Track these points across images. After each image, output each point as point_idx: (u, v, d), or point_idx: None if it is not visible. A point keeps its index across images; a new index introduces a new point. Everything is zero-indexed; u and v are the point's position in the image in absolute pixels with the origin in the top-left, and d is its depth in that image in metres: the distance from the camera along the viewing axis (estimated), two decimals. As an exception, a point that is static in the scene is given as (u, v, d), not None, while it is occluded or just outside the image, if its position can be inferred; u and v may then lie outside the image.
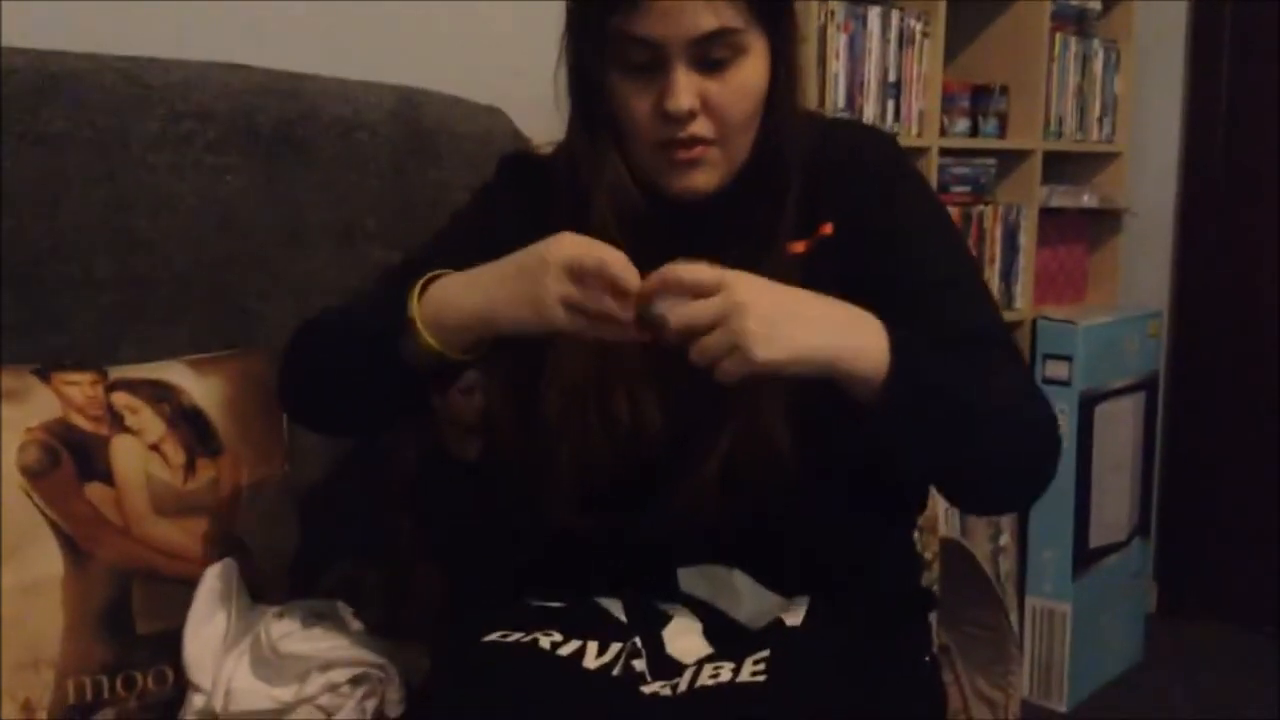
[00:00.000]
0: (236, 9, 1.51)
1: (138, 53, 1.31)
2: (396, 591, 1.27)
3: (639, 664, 0.92)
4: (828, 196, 0.96)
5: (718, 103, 0.90)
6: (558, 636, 0.93)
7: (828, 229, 0.96)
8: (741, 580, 0.98)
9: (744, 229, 0.94)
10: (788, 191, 0.94)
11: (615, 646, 0.93)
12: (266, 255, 1.36)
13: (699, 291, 0.80)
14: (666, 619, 0.97)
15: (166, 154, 1.29)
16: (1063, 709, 2.35)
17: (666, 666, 0.93)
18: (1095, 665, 2.42)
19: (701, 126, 0.90)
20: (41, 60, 1.22)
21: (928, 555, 1.48)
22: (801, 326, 0.81)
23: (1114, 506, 2.47)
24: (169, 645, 1.08)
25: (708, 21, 0.88)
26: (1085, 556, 2.38)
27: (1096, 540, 2.41)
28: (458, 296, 0.90)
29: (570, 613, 0.97)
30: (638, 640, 0.94)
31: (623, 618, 0.98)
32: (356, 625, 1.10)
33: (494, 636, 0.93)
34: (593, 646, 0.92)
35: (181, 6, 1.46)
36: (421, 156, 1.45)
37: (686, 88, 0.88)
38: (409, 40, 1.66)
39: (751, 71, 0.91)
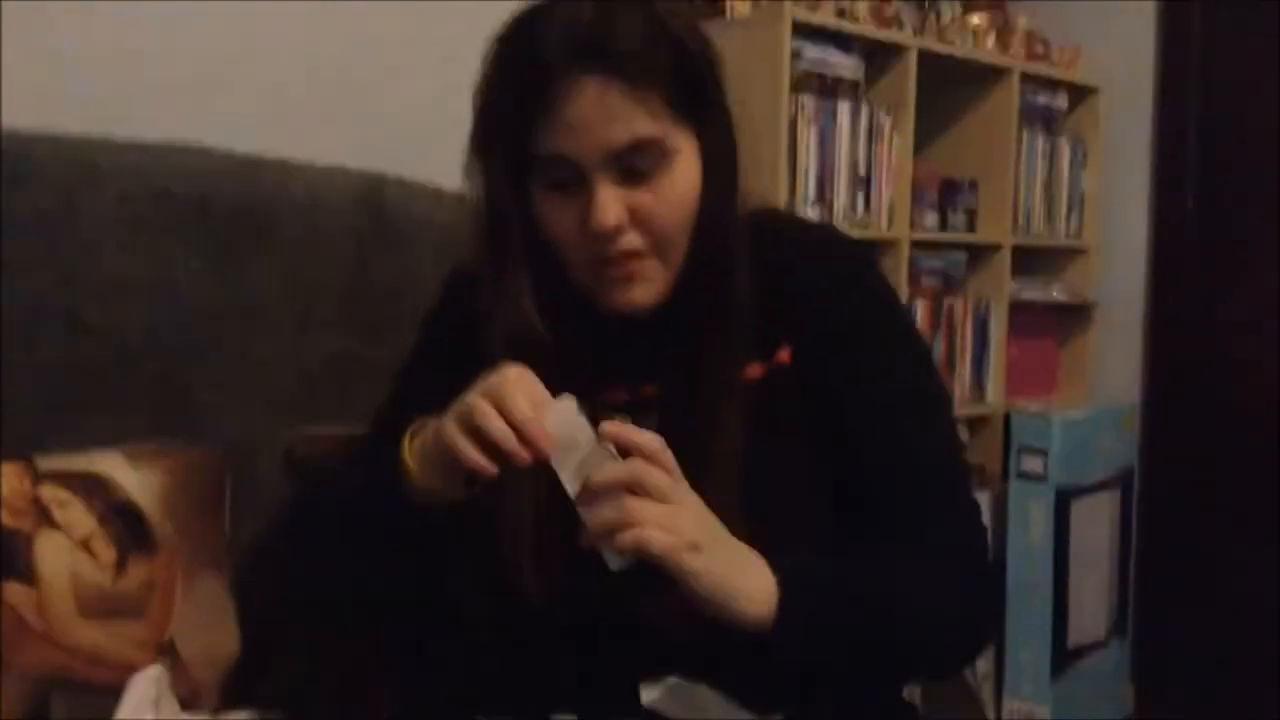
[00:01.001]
0: (195, 89, 1.48)
1: (91, 131, 1.27)
2: (345, 704, 1.19)
3: None
4: (786, 312, 0.91)
5: (647, 214, 0.85)
6: None
7: (785, 356, 0.91)
8: (709, 697, 0.92)
9: (693, 346, 0.89)
10: (736, 304, 0.89)
11: None
12: (219, 341, 1.31)
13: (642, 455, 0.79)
14: None
15: (118, 235, 1.25)
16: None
17: None
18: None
19: (633, 240, 0.86)
20: (-14, 137, 1.18)
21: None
22: (737, 565, 0.80)
23: (1092, 605, 2.42)
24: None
25: (622, 134, 0.82)
26: (1064, 656, 2.31)
27: (1075, 639, 2.35)
28: (426, 445, 0.88)
29: None
30: None
31: None
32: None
33: None
34: None
35: (139, 85, 1.44)
36: (385, 243, 1.42)
37: (609, 204, 0.83)
38: (376, 124, 1.64)
39: (681, 177, 0.86)
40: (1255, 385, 2.53)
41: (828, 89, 2.03)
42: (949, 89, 2.33)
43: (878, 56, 2.11)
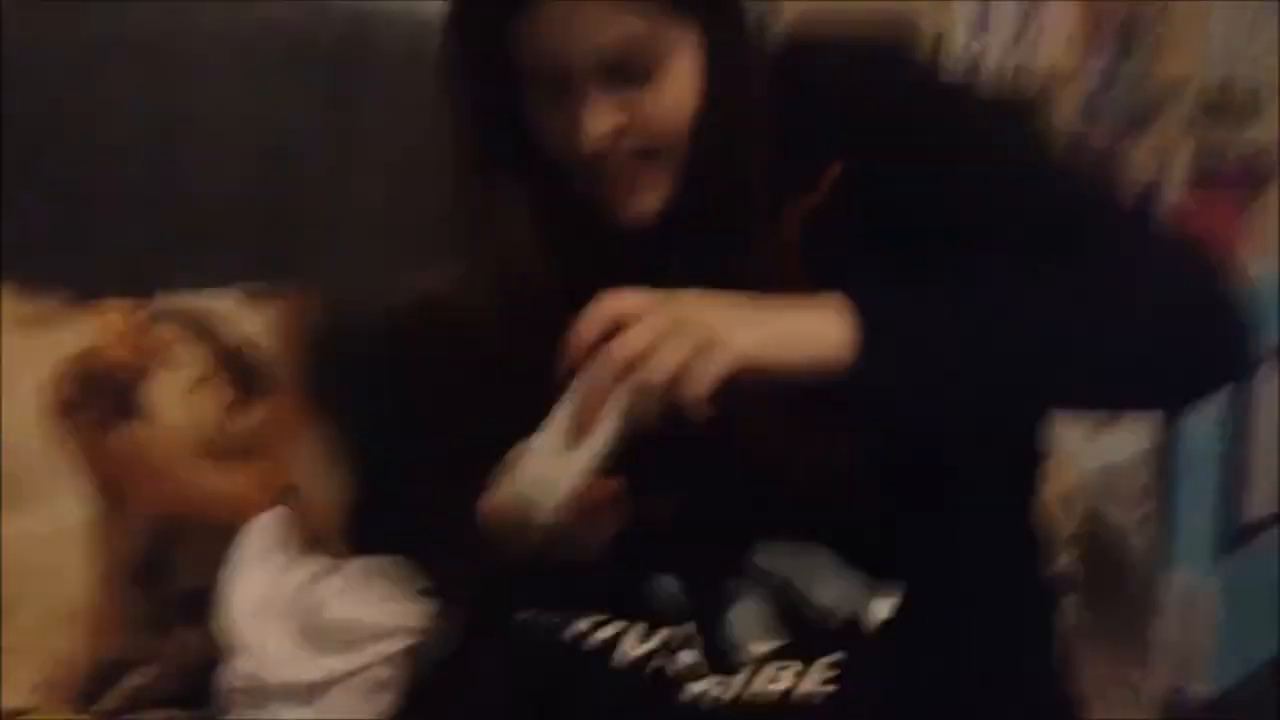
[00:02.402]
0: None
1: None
2: (468, 547, 1.14)
3: (688, 656, 0.79)
4: (831, 133, 0.78)
5: (643, 119, 0.76)
6: (599, 616, 0.80)
7: (836, 168, 0.78)
8: (827, 560, 0.83)
9: (711, 244, 0.79)
10: (755, 196, 0.78)
11: (663, 632, 0.80)
12: (330, 183, 1.24)
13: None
14: (731, 600, 0.83)
15: (219, 64, 1.18)
16: (1205, 694, 2.15)
17: (723, 658, 0.79)
18: (1241, 649, 2.20)
19: (631, 142, 0.76)
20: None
21: (1065, 533, 1.30)
22: (764, 310, 0.69)
23: (1267, 477, 2.24)
24: (213, 601, 0.98)
25: (608, 37, 0.73)
26: (1236, 532, 2.16)
27: (1249, 514, 2.19)
28: None
29: (619, 586, 0.83)
30: (692, 626, 0.81)
31: (682, 597, 0.84)
32: (420, 587, 0.98)
33: (528, 614, 0.82)
34: (636, 631, 0.80)
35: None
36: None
37: (599, 115, 0.74)
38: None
39: (681, 76, 0.76)
40: None
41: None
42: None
43: None
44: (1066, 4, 1.91)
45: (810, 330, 0.69)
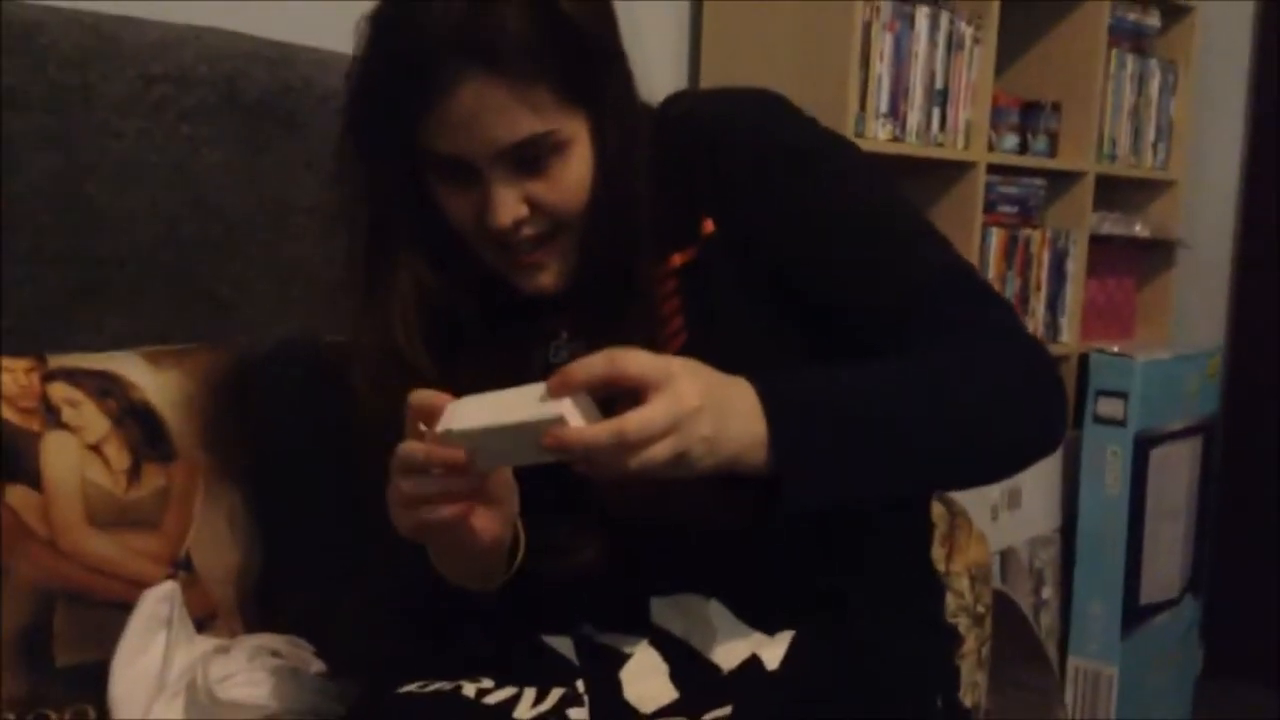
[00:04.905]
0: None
1: (111, 10, 1.17)
2: (373, 627, 1.10)
3: (577, 714, 0.79)
4: (702, 188, 0.84)
5: (545, 203, 0.80)
6: (487, 683, 0.79)
7: (708, 227, 0.83)
8: (717, 611, 0.84)
9: (606, 310, 0.82)
10: (643, 274, 0.82)
11: (557, 693, 0.80)
12: (244, 238, 1.21)
13: (631, 385, 0.68)
14: (624, 659, 0.84)
15: (135, 119, 1.14)
16: (1106, 778, 2.16)
17: (619, 716, 0.80)
18: (1141, 731, 2.22)
19: (535, 226, 0.80)
20: (-8, 7, 1.08)
21: (980, 608, 1.31)
22: (735, 424, 0.71)
23: (1167, 560, 2.29)
24: (93, 680, 0.93)
25: (508, 134, 0.76)
26: (1135, 614, 2.19)
27: (1147, 597, 2.23)
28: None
29: (508, 654, 0.84)
30: (579, 685, 0.82)
31: (573, 658, 0.85)
32: (317, 667, 0.93)
33: (411, 686, 0.79)
34: (529, 694, 0.79)
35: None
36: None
37: (504, 202, 0.78)
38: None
39: (577, 162, 0.80)
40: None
41: (906, -6, 1.88)
42: (1034, 1, 2.17)
43: (961, -39, 1.96)
44: (970, 92, 1.99)
45: (749, 442, 0.71)
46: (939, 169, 1.99)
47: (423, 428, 0.71)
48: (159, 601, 0.95)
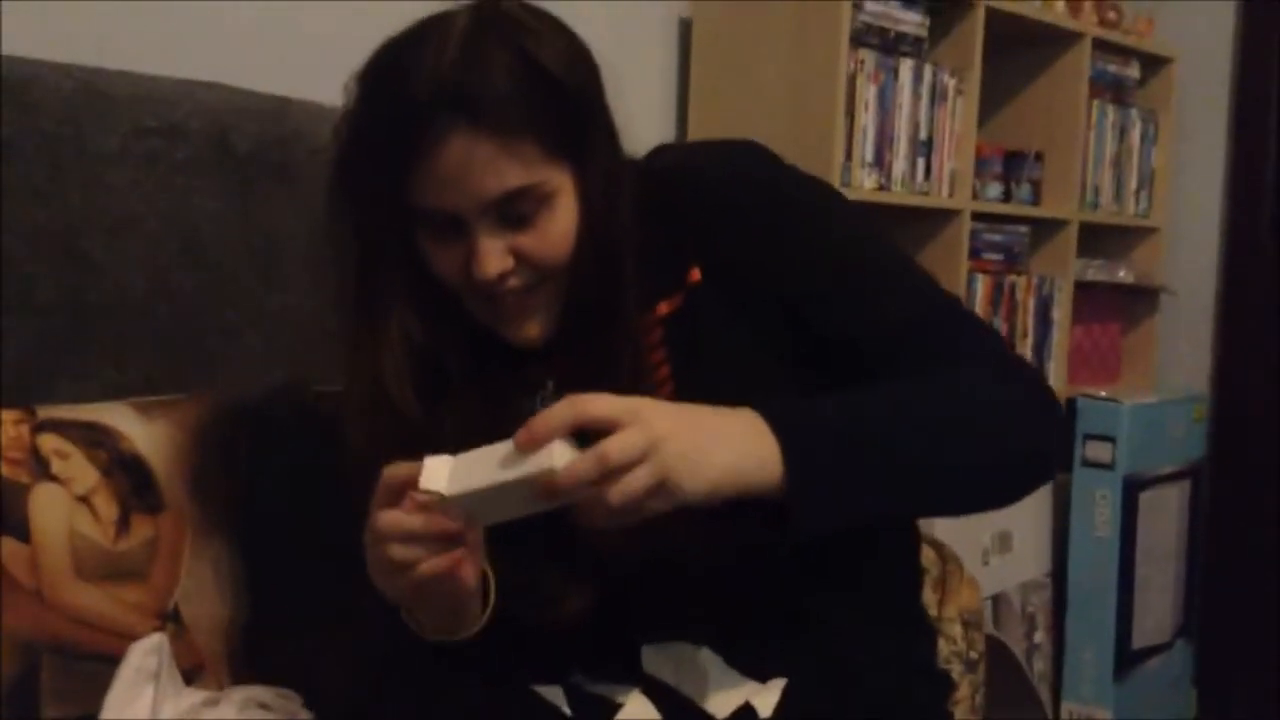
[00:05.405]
0: (218, 26, 1.39)
1: (103, 64, 1.18)
2: (361, 678, 1.09)
3: None
4: (688, 238, 0.86)
5: (531, 255, 0.81)
6: None
7: (695, 276, 0.85)
8: (709, 659, 0.85)
9: (591, 356, 0.84)
10: (625, 262, 0.83)
11: None
12: (235, 289, 1.22)
13: (601, 427, 0.69)
14: (616, 708, 0.84)
15: (127, 171, 1.16)
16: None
17: None
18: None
19: (521, 277, 0.82)
20: (-13, 61, 1.10)
21: (972, 654, 1.30)
22: (721, 445, 0.72)
23: (1158, 604, 2.29)
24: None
25: (494, 188, 0.78)
26: (1127, 658, 2.19)
27: (1140, 640, 2.22)
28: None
29: (498, 704, 0.83)
30: None
31: (564, 708, 0.85)
32: (305, 718, 0.93)
33: None
34: None
35: (156, 20, 1.34)
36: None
37: (490, 254, 0.80)
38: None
39: (563, 214, 0.81)
40: (1336, 375, 2.38)
41: (889, 45, 1.91)
42: (1016, 54, 2.21)
43: (943, 13, 2.00)
44: (954, 142, 2.02)
45: (750, 462, 0.72)
46: (925, 217, 2.01)
47: (413, 493, 0.71)
48: (147, 654, 0.95)
